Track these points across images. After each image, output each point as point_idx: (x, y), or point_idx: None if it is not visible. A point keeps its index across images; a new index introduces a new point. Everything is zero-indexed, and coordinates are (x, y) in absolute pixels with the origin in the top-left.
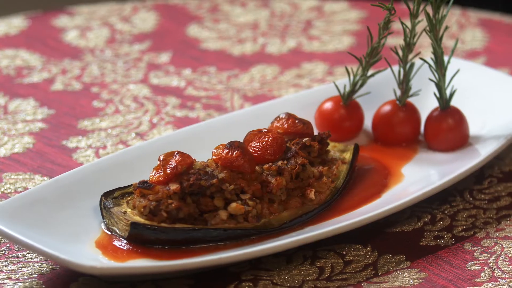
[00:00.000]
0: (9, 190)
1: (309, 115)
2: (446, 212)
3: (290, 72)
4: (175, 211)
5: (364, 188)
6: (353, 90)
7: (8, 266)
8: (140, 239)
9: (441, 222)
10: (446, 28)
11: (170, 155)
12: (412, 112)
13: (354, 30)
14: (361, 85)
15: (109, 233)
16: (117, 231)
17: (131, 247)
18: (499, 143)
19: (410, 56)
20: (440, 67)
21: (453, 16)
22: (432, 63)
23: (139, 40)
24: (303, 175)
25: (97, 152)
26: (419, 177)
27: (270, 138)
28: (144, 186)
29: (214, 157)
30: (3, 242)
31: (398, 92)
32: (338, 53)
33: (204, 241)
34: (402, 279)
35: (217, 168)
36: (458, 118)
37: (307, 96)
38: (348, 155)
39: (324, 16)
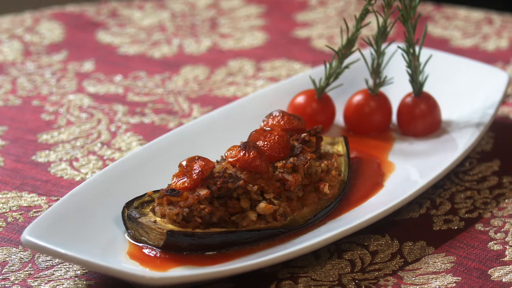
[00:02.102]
0: (3, 210)
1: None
2: (443, 196)
3: (220, 71)
4: (208, 216)
5: (364, 179)
6: (327, 83)
7: (40, 286)
8: (176, 247)
9: (443, 206)
10: (419, 15)
11: (192, 160)
12: (384, 100)
13: (261, 25)
14: (336, 78)
15: (137, 243)
16: (148, 241)
17: (166, 255)
18: (482, 127)
19: (383, 47)
20: (413, 53)
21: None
22: (405, 51)
23: (55, 50)
24: (310, 170)
25: (71, 164)
26: (410, 164)
27: (277, 136)
28: (173, 194)
29: (230, 159)
30: (25, 262)
31: (370, 82)
32: (257, 49)
33: (238, 243)
34: (434, 265)
35: (237, 170)
36: (431, 103)
37: (274, 92)
38: (340, 148)
39: (225, 13)
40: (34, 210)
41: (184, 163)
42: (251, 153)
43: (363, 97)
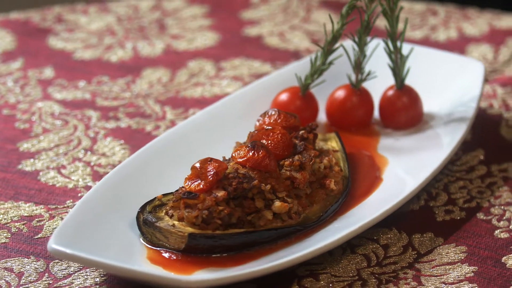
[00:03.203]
0: (4, 221)
1: (262, 109)
2: (437, 187)
3: (181, 72)
4: (227, 217)
5: (362, 173)
6: (312, 80)
7: None
8: (197, 249)
9: (441, 197)
10: (401, 8)
11: (205, 162)
12: (366, 95)
13: (210, 25)
14: (320, 74)
15: (154, 248)
16: (167, 245)
17: (187, 258)
18: (467, 120)
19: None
20: (395, 46)
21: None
22: (387, 45)
23: (11, 58)
24: (314, 167)
25: (60, 172)
26: (403, 157)
27: (280, 135)
28: (190, 196)
29: (239, 159)
30: (41, 272)
31: (352, 77)
32: (212, 49)
33: (257, 243)
34: (447, 256)
35: (248, 170)
36: (413, 96)
37: (256, 90)
38: (334, 143)
39: (169, 15)
40: (36, 219)
41: (197, 165)
42: (260, 153)
43: (346, 92)
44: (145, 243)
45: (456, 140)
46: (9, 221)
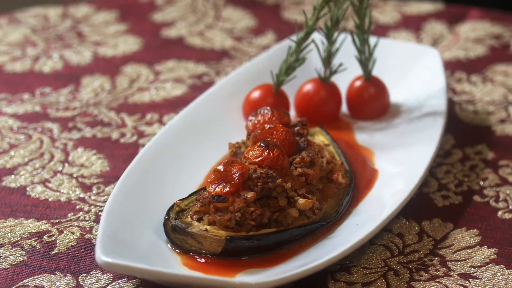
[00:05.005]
0: (14, 239)
1: (234, 106)
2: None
3: (121, 78)
4: (259, 217)
5: (357, 164)
6: (286, 77)
7: None
8: (234, 252)
9: (431, 184)
10: (368, 2)
11: (228, 164)
12: (335, 88)
13: (126, 30)
14: (293, 70)
15: (186, 253)
16: (200, 250)
17: (226, 262)
18: (442, 103)
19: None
20: (363, 39)
21: None
22: (356, 38)
23: None
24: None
25: (46, 186)
26: (388, 147)
27: (284, 133)
28: (220, 200)
29: (254, 160)
30: (72, 286)
31: (321, 71)
32: (139, 53)
33: (289, 241)
34: (463, 240)
35: (267, 170)
36: (381, 86)
37: (226, 88)
38: (322, 138)
39: (81, 22)
40: (46, 235)
41: (220, 168)
42: (275, 151)
43: (316, 86)
44: (174, 249)
45: (439, 127)
46: (19, 238)
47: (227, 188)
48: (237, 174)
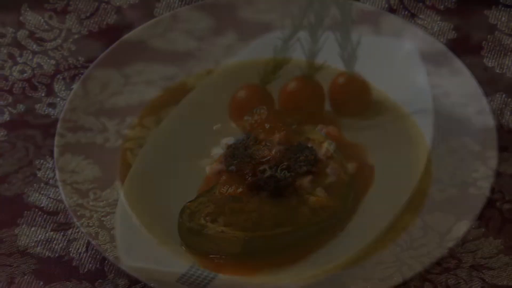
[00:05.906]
0: (23, 248)
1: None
2: None
3: (92, 83)
4: (274, 217)
5: (354, 161)
6: (274, 75)
7: None
8: (252, 252)
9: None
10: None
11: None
12: (318, 85)
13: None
14: (280, 68)
15: (203, 255)
16: (218, 252)
17: (244, 262)
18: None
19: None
20: (346, 33)
21: None
22: (338, 36)
23: None
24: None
25: (41, 193)
26: (379, 142)
27: (285, 132)
28: (235, 201)
29: (263, 159)
30: None
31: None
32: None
33: (303, 239)
34: (473, 231)
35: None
36: (363, 80)
37: (212, 88)
38: (315, 135)
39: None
40: (54, 242)
41: (233, 168)
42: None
43: (300, 84)
44: (189, 252)
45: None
46: (27, 247)
47: (241, 189)
48: (250, 174)
